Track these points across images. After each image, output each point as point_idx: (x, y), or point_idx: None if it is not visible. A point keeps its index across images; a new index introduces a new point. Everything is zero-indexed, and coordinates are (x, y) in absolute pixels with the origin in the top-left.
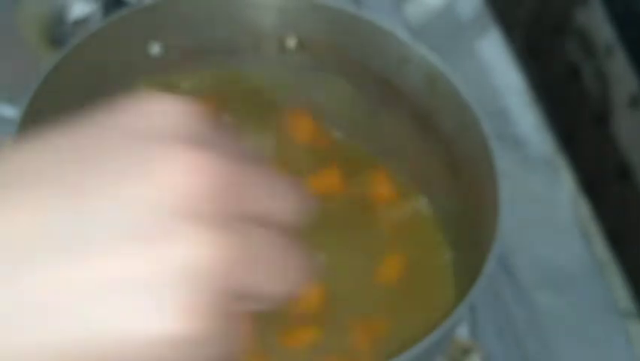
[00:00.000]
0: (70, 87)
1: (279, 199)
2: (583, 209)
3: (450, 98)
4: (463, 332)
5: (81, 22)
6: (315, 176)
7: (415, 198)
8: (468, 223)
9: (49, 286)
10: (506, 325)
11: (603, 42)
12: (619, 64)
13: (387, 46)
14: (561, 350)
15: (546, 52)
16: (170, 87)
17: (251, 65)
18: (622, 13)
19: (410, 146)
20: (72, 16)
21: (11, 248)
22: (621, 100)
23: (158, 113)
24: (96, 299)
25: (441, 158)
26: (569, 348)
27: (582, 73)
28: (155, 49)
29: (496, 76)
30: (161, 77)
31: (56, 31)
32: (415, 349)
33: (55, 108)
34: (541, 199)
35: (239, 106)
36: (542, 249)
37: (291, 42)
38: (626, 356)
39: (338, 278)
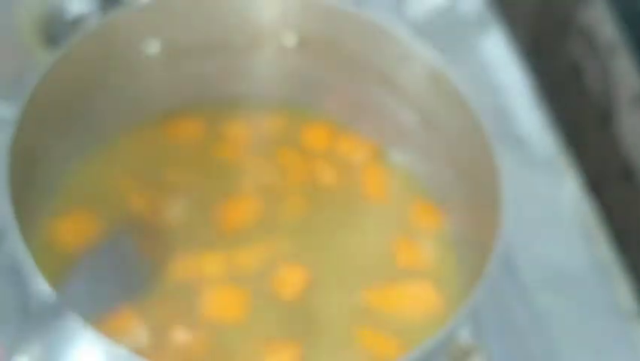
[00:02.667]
0: (67, 86)
1: None
2: (586, 209)
3: (452, 96)
4: (465, 333)
5: (78, 20)
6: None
7: (416, 195)
8: (471, 223)
9: None
10: (509, 326)
11: (606, 41)
12: (622, 63)
13: (389, 44)
14: (564, 351)
15: (549, 51)
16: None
17: (250, 63)
18: (625, 12)
19: (412, 144)
20: (70, 15)
21: None
22: (625, 99)
23: None
24: None
25: (443, 157)
26: (572, 349)
27: (585, 72)
28: (153, 47)
29: (498, 75)
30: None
31: (54, 29)
32: (417, 350)
33: (52, 107)
34: (544, 199)
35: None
36: (545, 249)
37: (291, 40)
38: (629, 357)
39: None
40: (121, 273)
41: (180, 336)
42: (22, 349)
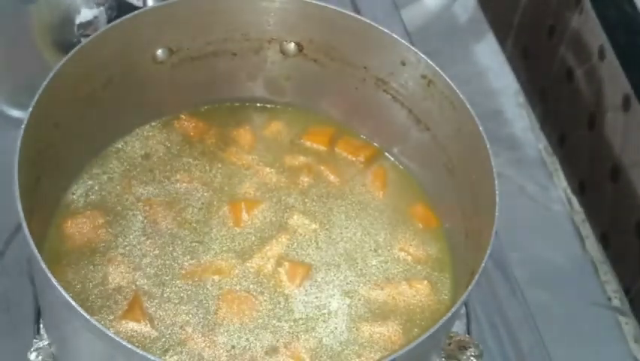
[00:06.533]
0: (75, 89)
1: None
2: (576, 208)
3: (446, 99)
4: (459, 328)
5: (87, 26)
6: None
7: (413, 195)
8: (465, 222)
9: None
10: (501, 321)
11: (596, 46)
12: (611, 67)
13: (386, 48)
14: (554, 345)
15: (540, 55)
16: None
17: (253, 68)
18: (614, 18)
19: (409, 145)
20: (79, 21)
21: None
22: (613, 102)
23: None
24: None
25: (439, 158)
26: (562, 343)
27: (575, 75)
28: (159, 52)
29: (491, 78)
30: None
31: (65, 37)
32: (412, 345)
33: (61, 110)
34: (535, 199)
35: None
36: (536, 247)
37: (291, 45)
38: (616, 351)
39: (337, 271)
40: None
41: (193, 336)
42: (35, 346)
